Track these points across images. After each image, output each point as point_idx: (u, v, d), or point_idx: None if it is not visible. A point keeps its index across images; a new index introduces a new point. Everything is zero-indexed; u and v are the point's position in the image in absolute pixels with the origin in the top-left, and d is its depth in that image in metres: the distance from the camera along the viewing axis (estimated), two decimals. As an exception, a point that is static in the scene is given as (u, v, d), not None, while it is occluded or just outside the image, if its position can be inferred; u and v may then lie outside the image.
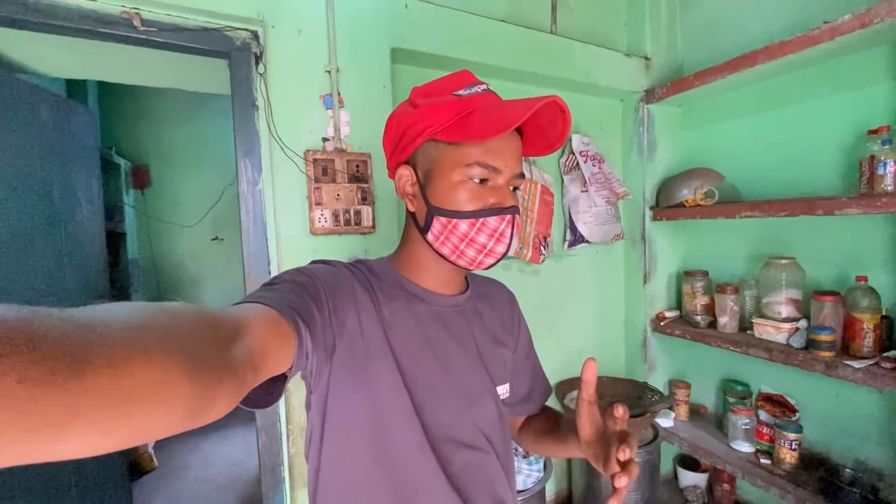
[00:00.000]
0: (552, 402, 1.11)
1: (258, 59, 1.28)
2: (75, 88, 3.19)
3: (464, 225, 0.60)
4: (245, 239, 1.28)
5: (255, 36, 1.28)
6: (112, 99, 3.50)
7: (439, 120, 0.60)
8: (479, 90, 0.62)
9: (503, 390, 0.72)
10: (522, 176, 0.63)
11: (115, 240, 3.25)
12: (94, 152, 1.85)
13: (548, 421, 0.81)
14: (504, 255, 0.63)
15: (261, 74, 1.28)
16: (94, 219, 1.84)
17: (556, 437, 0.74)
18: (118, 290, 3.12)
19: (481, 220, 0.59)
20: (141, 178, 3.67)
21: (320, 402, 0.60)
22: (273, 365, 0.44)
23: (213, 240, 3.88)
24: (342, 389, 0.59)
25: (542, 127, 0.62)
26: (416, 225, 0.65)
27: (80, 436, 0.24)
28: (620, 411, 0.57)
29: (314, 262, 0.64)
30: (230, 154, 4.13)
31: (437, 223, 0.61)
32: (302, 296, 0.53)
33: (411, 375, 0.62)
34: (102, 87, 3.47)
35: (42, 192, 1.52)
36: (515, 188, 0.63)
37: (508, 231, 0.61)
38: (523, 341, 0.82)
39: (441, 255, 0.64)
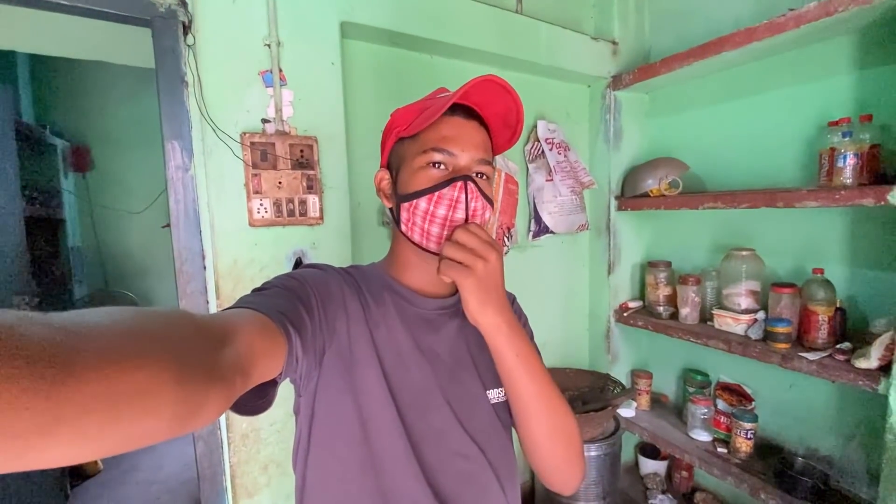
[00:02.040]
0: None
1: (186, 28, 1.14)
2: (2, 63, 2.90)
3: (423, 202, 0.61)
4: (175, 231, 1.16)
5: (183, 2, 1.13)
6: (46, 74, 3.21)
7: (405, 120, 0.64)
8: (447, 94, 0.64)
9: (499, 394, 0.69)
10: (488, 163, 0.63)
11: (52, 227, 3.00)
12: (7, 130, 1.64)
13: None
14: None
15: (189, 46, 1.14)
16: (7, 206, 1.64)
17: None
18: (56, 280, 2.89)
19: (437, 192, 0.60)
20: (81, 160, 3.40)
21: (308, 406, 0.61)
22: (263, 370, 0.44)
23: (164, 227, 3.64)
24: (330, 394, 0.60)
25: (502, 115, 0.64)
26: (395, 220, 0.66)
27: (66, 443, 0.24)
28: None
29: (305, 266, 0.66)
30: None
31: (404, 210, 0.63)
32: (292, 300, 0.54)
33: (397, 380, 0.61)
34: (35, 61, 3.17)
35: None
36: (482, 175, 0.63)
37: (463, 197, 0.60)
38: None
39: (416, 245, 0.64)
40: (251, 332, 0.43)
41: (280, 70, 1.21)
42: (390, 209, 0.68)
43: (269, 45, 1.20)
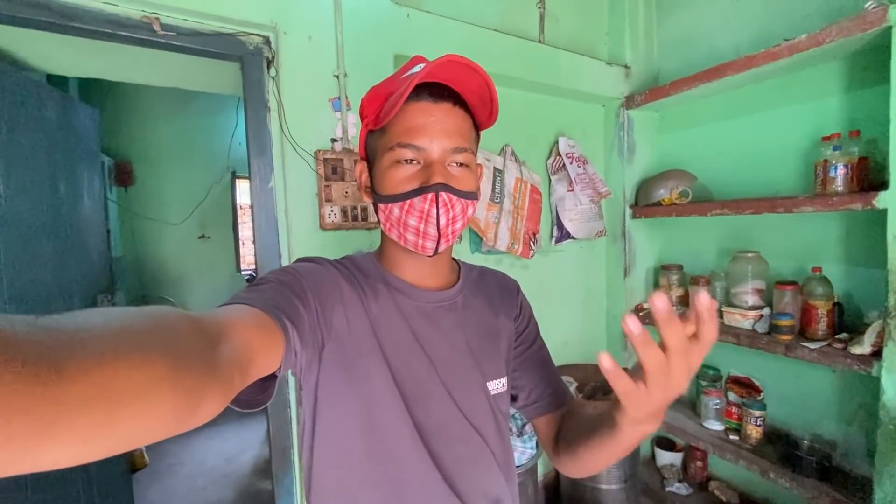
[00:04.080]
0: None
1: (270, 62, 1.35)
2: (55, 83, 3.15)
3: (395, 209, 0.59)
4: (258, 234, 1.35)
5: (268, 41, 1.35)
6: (93, 94, 3.45)
7: (371, 110, 0.61)
8: (418, 69, 0.57)
9: (498, 385, 0.70)
10: (465, 150, 0.59)
11: (100, 237, 3.22)
12: (96, 150, 1.87)
13: (579, 420, 0.68)
14: (442, 240, 0.60)
15: (272, 77, 1.35)
16: (96, 215, 1.86)
17: (592, 431, 0.58)
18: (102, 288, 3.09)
19: (408, 202, 0.58)
20: (124, 175, 3.62)
21: (311, 398, 0.60)
22: (261, 365, 0.44)
23: (199, 238, 3.87)
24: (332, 386, 0.59)
25: (476, 92, 0.59)
26: (377, 216, 0.66)
27: (63, 445, 0.23)
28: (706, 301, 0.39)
29: (299, 260, 0.64)
30: (216, 152, 4.10)
31: (380, 211, 0.62)
32: (287, 295, 0.53)
33: (400, 371, 0.61)
34: (83, 82, 3.43)
35: (49, 189, 1.55)
36: (461, 164, 0.60)
37: (434, 211, 0.57)
38: (529, 331, 0.79)
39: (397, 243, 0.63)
40: (247, 327, 0.43)
41: (346, 97, 1.42)
42: (373, 205, 0.65)
43: (337, 77, 1.41)
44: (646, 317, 2.14)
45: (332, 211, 1.38)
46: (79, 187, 1.73)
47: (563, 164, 2.04)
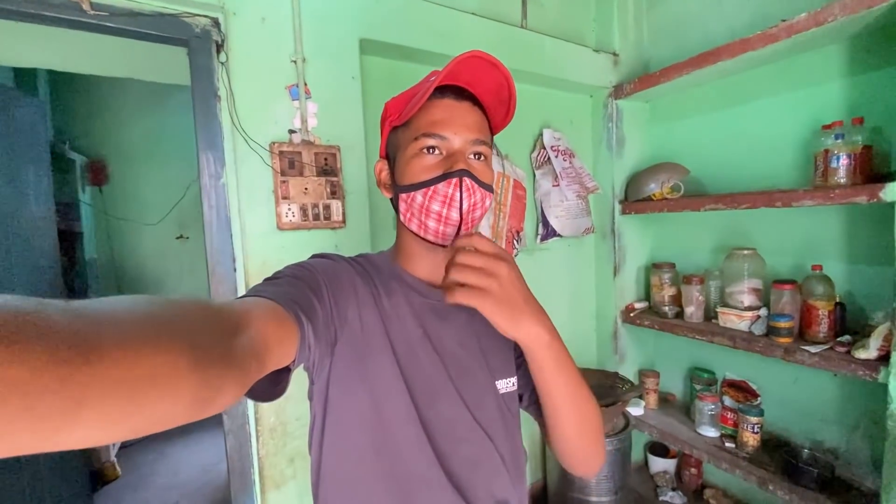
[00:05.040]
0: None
1: (219, 47, 1.23)
2: (24, 79, 3.01)
3: (419, 196, 0.61)
4: (208, 235, 1.23)
5: (216, 23, 1.22)
6: (66, 91, 3.31)
7: (396, 109, 0.65)
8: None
9: (507, 384, 0.70)
10: (484, 143, 0.62)
11: (70, 239, 3.08)
12: (43, 145, 1.73)
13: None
14: (462, 225, 0.62)
15: (222, 63, 1.22)
16: (44, 216, 1.73)
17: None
18: (74, 292, 2.96)
19: (432, 187, 0.60)
20: (98, 174, 3.49)
21: (321, 393, 0.61)
22: (277, 357, 0.45)
23: (177, 238, 3.74)
24: (343, 382, 0.60)
25: (494, 91, 0.62)
26: (395, 210, 0.67)
27: (90, 425, 0.24)
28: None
29: (314, 256, 0.65)
30: (194, 150, 3.98)
31: (402, 201, 0.64)
32: (303, 289, 0.54)
33: (410, 370, 0.62)
34: (54, 78, 3.29)
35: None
36: (479, 155, 0.63)
37: (457, 195, 0.60)
38: None
39: (416, 235, 0.65)
40: (264, 319, 0.44)
41: (305, 84, 1.29)
42: (391, 199, 0.68)
43: (295, 62, 1.29)
44: (637, 317, 2.04)
45: (289, 209, 1.26)
46: (22, 186, 1.59)
47: (549, 158, 1.93)
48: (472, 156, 0.62)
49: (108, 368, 0.25)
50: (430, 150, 0.61)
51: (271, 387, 0.51)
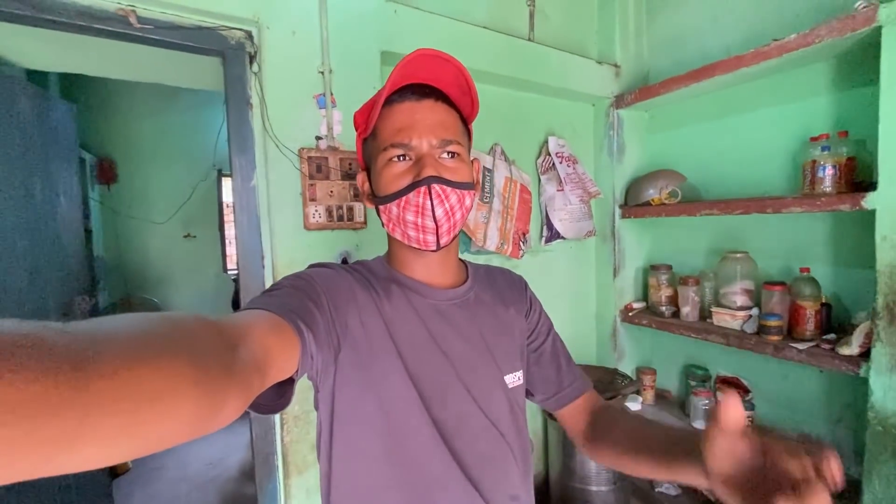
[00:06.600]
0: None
1: (252, 58, 1.31)
2: (36, 79, 3.06)
3: (394, 207, 0.61)
4: (239, 234, 1.31)
5: (250, 36, 1.31)
6: (75, 91, 3.36)
7: (361, 120, 0.65)
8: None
9: (514, 378, 0.71)
10: (452, 142, 0.61)
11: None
12: (73, 148, 1.81)
13: (643, 428, 0.66)
14: (441, 231, 0.61)
15: (255, 73, 1.31)
16: (73, 214, 1.80)
17: (664, 454, 0.57)
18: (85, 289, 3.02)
19: (403, 198, 0.60)
20: (106, 173, 3.55)
21: (327, 401, 0.61)
22: (279, 369, 0.45)
23: (184, 237, 3.80)
24: (349, 389, 0.60)
25: (454, 84, 0.61)
26: (380, 221, 0.68)
27: (90, 446, 0.24)
28: (833, 463, 0.39)
29: (311, 266, 0.65)
30: (202, 149, 4.04)
31: (382, 213, 0.64)
32: (302, 299, 0.54)
33: (417, 371, 0.61)
34: (64, 78, 3.34)
35: (23, 187, 1.49)
36: (451, 153, 0.61)
37: (428, 203, 0.59)
38: (542, 325, 0.80)
39: (402, 243, 0.65)
40: (265, 331, 0.44)
41: (331, 94, 1.38)
42: (375, 209, 0.67)
43: (322, 73, 1.37)
44: (635, 316, 2.14)
45: (316, 210, 1.34)
46: (55, 185, 1.66)
47: (553, 164, 2.03)
48: (444, 155, 0.61)
49: (109, 388, 0.24)
50: (400, 158, 0.60)
51: (276, 398, 0.51)
